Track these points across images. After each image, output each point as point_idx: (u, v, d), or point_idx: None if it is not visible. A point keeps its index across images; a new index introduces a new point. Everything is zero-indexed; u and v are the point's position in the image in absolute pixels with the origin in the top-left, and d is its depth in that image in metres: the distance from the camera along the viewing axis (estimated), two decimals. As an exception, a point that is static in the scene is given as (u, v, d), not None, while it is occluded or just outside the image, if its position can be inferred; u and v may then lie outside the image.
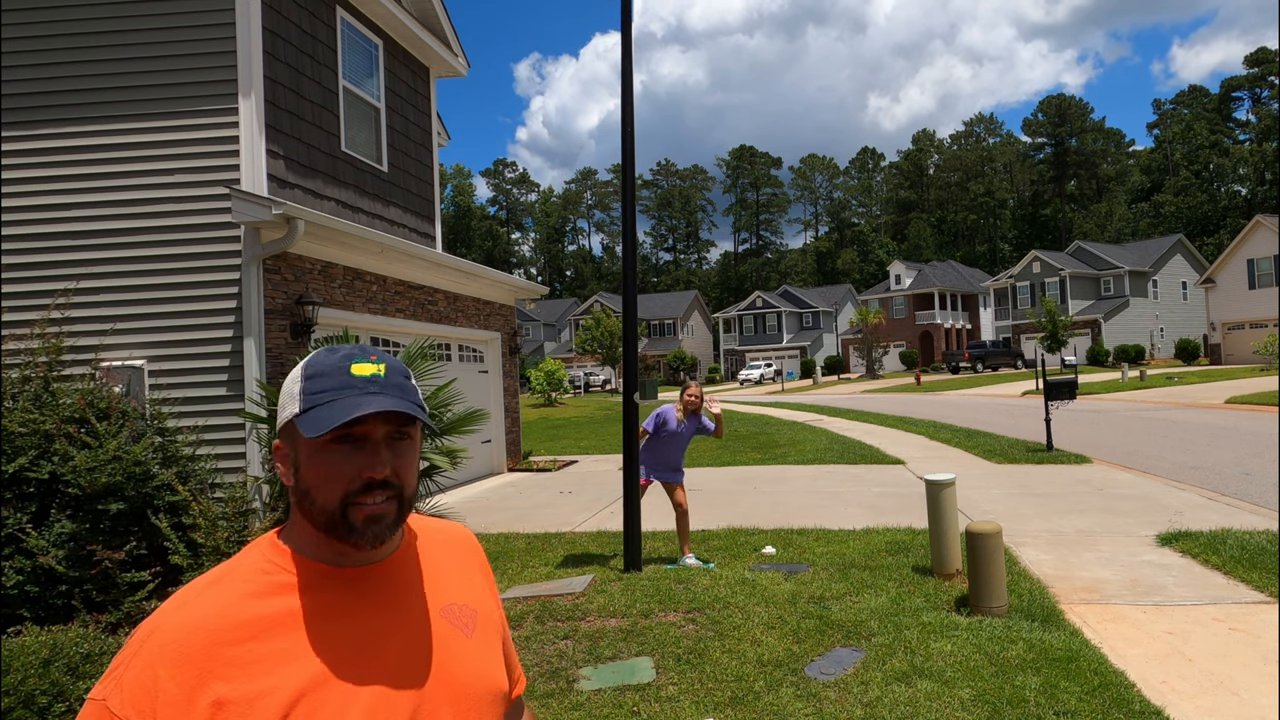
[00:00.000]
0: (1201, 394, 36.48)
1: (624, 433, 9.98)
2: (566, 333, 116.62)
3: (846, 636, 7.08)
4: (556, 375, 50.15)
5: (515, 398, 20.75)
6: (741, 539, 11.29)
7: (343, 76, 14.12)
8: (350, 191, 14.19)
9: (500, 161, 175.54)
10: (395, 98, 16.01)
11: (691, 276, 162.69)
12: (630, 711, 5.88)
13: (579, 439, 29.38)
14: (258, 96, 11.66)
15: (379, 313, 14.18)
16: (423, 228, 16.93)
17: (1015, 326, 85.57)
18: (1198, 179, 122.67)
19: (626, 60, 10.02)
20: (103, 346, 11.05)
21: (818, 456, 20.21)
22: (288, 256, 11.72)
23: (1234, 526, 10.84)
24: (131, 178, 11.58)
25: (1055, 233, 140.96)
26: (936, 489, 9.07)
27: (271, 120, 12.08)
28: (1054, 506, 13.08)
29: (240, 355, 11.15)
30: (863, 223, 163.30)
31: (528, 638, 7.44)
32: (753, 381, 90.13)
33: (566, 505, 14.95)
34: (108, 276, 11.42)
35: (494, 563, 10.66)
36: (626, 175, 10.09)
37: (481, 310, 18.72)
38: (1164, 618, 7.66)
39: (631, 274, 10.06)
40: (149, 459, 9.82)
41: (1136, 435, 22.78)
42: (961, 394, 49.86)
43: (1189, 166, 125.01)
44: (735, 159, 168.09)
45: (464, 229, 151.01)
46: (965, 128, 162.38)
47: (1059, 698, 5.72)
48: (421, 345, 12.25)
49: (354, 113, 14.54)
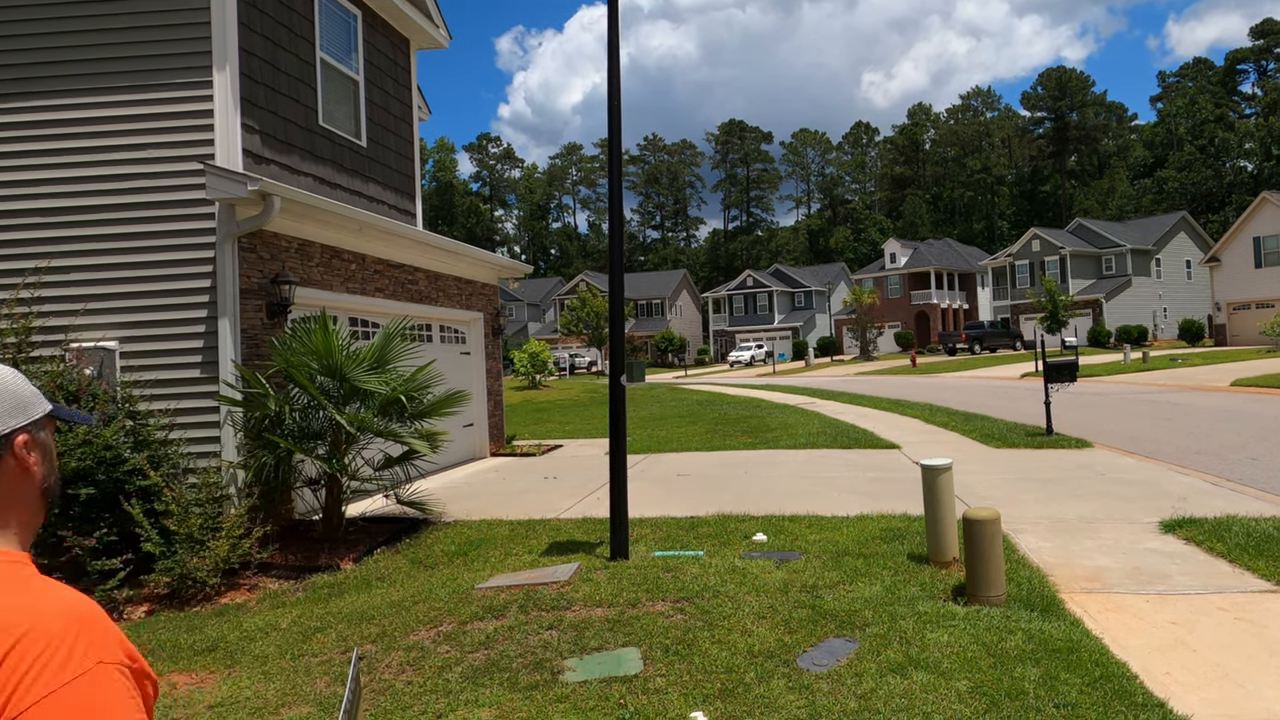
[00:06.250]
0: (1206, 376, 36.59)
1: (610, 416, 9.97)
2: (551, 313, 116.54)
3: (840, 626, 7.08)
4: (541, 357, 50.06)
5: (498, 380, 20.74)
6: (731, 526, 11.25)
7: (320, 48, 14.05)
8: (328, 167, 14.14)
9: (484, 136, 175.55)
10: (374, 70, 15.94)
11: (680, 255, 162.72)
12: (617, 704, 5.88)
13: (564, 422, 29.39)
14: (232, 69, 11.61)
15: (358, 292, 14.14)
16: (403, 204, 16.89)
17: (1014, 307, 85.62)
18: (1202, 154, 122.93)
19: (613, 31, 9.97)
20: (73, 327, 11.02)
21: (810, 441, 20.22)
22: (263, 234, 11.68)
23: (1239, 513, 10.81)
24: (102, 153, 11.54)
25: (1055, 210, 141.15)
26: (933, 474, 9.07)
27: (247, 94, 12.03)
28: (1054, 492, 13.09)
29: (215, 336, 11.12)
30: (856, 200, 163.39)
31: (511, 628, 7.43)
32: (743, 363, 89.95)
33: (551, 491, 14.95)
34: (78, 255, 11.39)
35: (476, 550, 10.69)
36: (613, 149, 10.04)
37: (463, 290, 18.69)
38: (1167, 607, 7.68)
39: (618, 252, 10.02)
40: (120, 443, 9.81)
41: (1139, 419, 22.85)
42: (958, 376, 49.92)
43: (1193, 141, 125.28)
44: (725, 134, 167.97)
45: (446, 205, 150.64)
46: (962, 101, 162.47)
47: (1059, 690, 5.73)
48: (401, 325, 12.24)
49: (332, 86, 14.47)
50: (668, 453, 19.43)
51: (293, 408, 11.07)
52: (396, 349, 11.89)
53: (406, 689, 6.41)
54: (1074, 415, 23.30)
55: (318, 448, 11.25)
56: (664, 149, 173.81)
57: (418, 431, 11.88)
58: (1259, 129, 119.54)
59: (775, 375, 65.38)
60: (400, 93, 17.09)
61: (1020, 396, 31.39)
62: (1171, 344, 71.97)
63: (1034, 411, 22.34)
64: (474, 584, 8.92)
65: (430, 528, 12.20)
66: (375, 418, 11.25)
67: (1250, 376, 33.08)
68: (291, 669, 7.08)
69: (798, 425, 23.52)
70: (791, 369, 74.97)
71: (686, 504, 12.95)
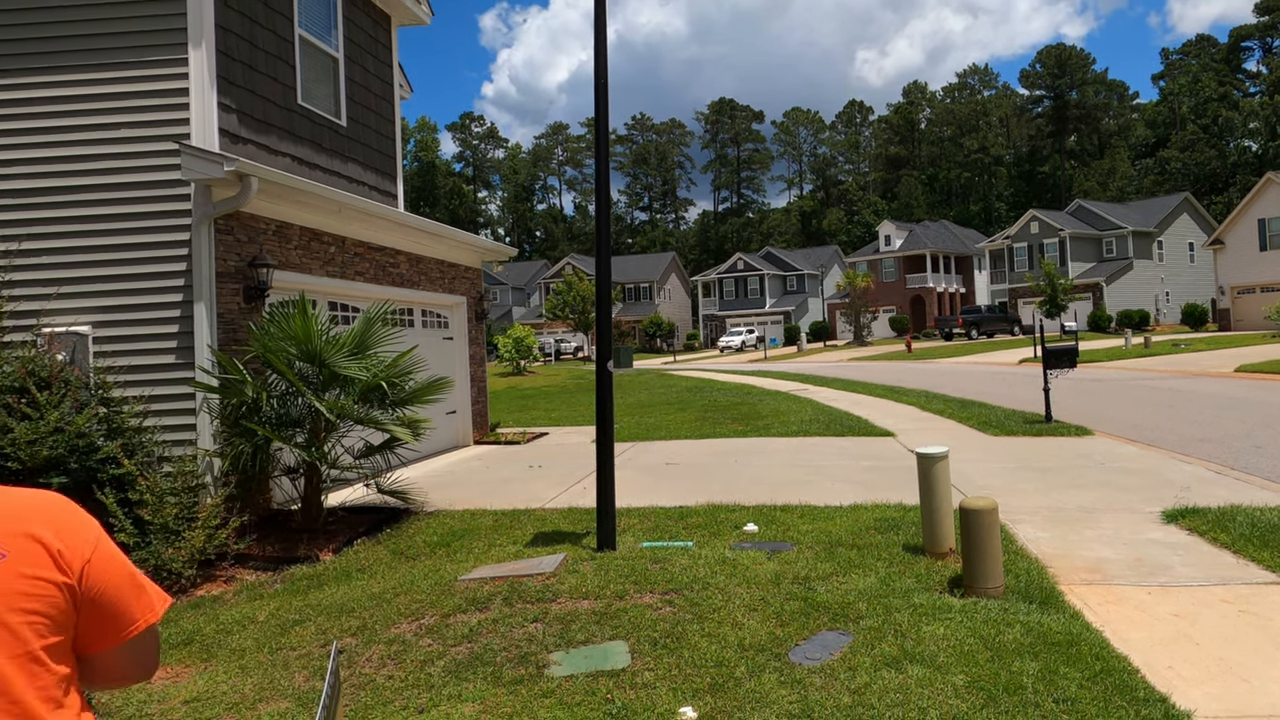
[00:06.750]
0: (1210, 362, 36.68)
1: (597, 403, 9.96)
2: (536, 297, 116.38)
3: (833, 619, 7.09)
4: (526, 342, 50.07)
5: (482, 366, 20.72)
6: (721, 516, 11.26)
7: (299, 25, 14.00)
8: (307, 147, 14.10)
9: (467, 115, 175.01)
10: (354, 47, 15.89)
11: (669, 237, 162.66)
12: (604, 699, 5.89)
13: (550, 410, 29.35)
14: (209, 46, 11.57)
15: (337, 276, 14.11)
16: (384, 185, 16.85)
17: (1012, 290, 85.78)
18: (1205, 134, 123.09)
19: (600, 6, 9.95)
20: (45, 312, 10.97)
21: (802, 428, 20.23)
22: (241, 216, 11.64)
23: (1244, 502, 10.80)
24: (75, 132, 11.49)
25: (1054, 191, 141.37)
26: (929, 463, 9.08)
27: (224, 71, 11.98)
28: (1053, 481, 13.11)
29: (190, 321, 11.09)
30: (850, 181, 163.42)
31: (495, 621, 7.44)
32: (734, 349, 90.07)
33: (536, 480, 14.95)
34: (50, 237, 11.34)
35: (459, 541, 10.69)
36: (599, 129, 10.04)
37: (446, 273, 18.66)
38: (1170, 599, 7.69)
39: (605, 234, 10.01)
40: (93, 431, 9.80)
41: (1141, 406, 22.91)
42: (955, 362, 50.04)
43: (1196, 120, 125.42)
44: (715, 113, 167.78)
45: (428, 186, 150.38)
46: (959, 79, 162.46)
47: (1058, 684, 5.75)
48: (382, 309, 12.23)
49: (311, 63, 14.42)
50: (656, 441, 19.42)
51: (270, 394, 11.04)
52: (377, 334, 11.87)
53: (387, 683, 6.42)
54: (1074, 402, 23.36)
55: (296, 435, 11.23)
56: (652, 128, 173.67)
57: (399, 419, 11.87)
58: (1264, 108, 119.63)
59: (766, 361, 65.49)
60: (381, 70, 17.03)
61: (1018, 383, 31.44)
62: (1174, 329, 72.12)
63: (1032, 398, 22.38)
64: (457, 575, 8.92)
65: (412, 518, 12.20)
66: (355, 405, 11.23)
67: (1255, 362, 33.17)
68: (269, 663, 7.09)
69: (790, 412, 23.53)
70: (783, 354, 75.12)
71: (675, 493, 12.97)
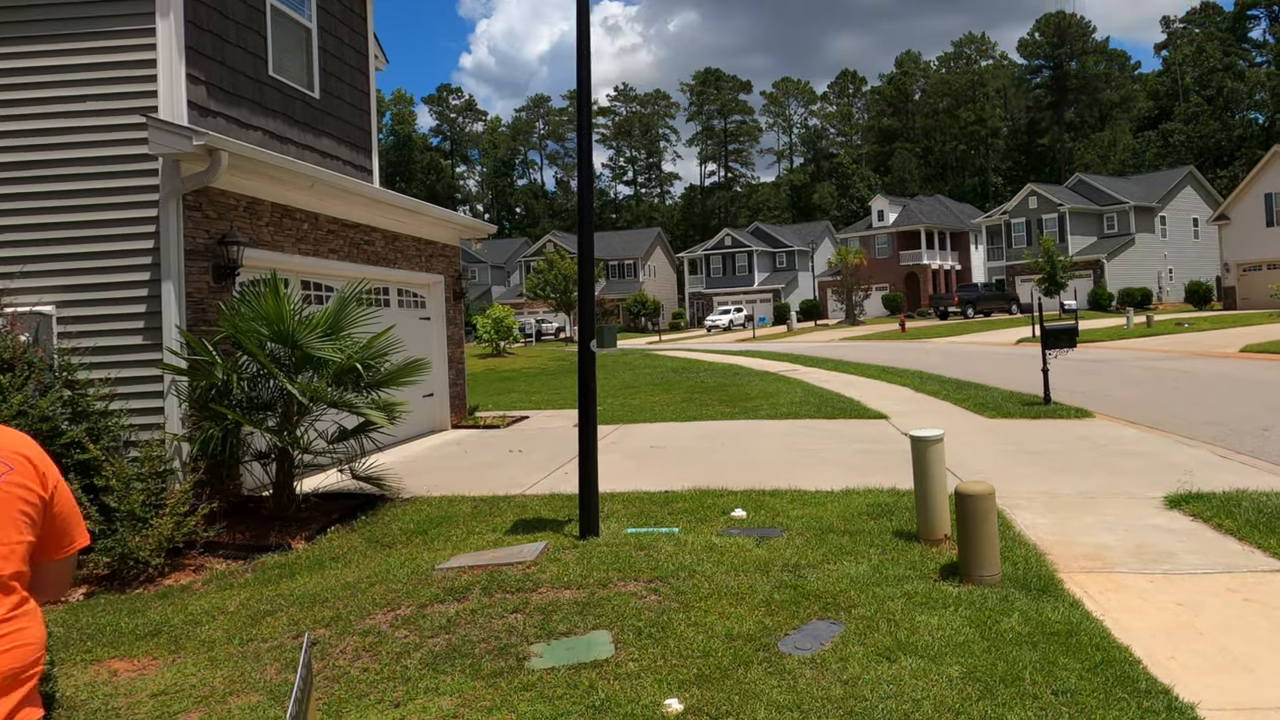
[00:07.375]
0: (1214, 342, 36.81)
1: (580, 386, 9.95)
2: (516, 276, 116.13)
3: (824, 608, 7.10)
4: (505, 322, 49.99)
5: (460, 347, 20.70)
6: (709, 501, 11.28)
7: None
8: (278, 120, 14.02)
9: (444, 87, 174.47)
10: (328, 17, 15.79)
11: (654, 213, 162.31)
12: (586, 691, 5.87)
13: (530, 392, 29.39)
14: (177, 15, 11.49)
15: (310, 253, 14.05)
16: (358, 160, 16.77)
17: (1009, 267, 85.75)
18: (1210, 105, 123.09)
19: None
20: (7, 291, 10.89)
21: (792, 410, 20.26)
22: (210, 192, 11.58)
23: (1250, 487, 10.82)
24: (37, 105, 11.41)
25: (1053, 164, 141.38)
26: (923, 446, 9.09)
27: (192, 42, 11.90)
28: (1052, 465, 13.15)
29: (158, 301, 11.05)
30: (841, 153, 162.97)
31: (473, 611, 7.42)
32: (721, 328, 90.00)
33: (517, 465, 14.94)
34: (12, 214, 11.28)
35: (437, 529, 10.67)
36: (582, 96, 9.99)
37: (423, 251, 18.60)
38: (1172, 587, 7.70)
39: (588, 209, 9.97)
40: (57, 414, 9.76)
41: (1143, 387, 23.00)
42: (950, 341, 50.14)
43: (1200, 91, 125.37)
44: (700, 83, 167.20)
45: (404, 161, 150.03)
46: (954, 49, 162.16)
47: (1057, 675, 5.76)
48: (356, 289, 12.17)
49: (283, 33, 14.33)
50: (641, 423, 19.42)
51: (241, 376, 10.98)
52: (352, 314, 11.81)
53: (362, 676, 6.40)
54: (1073, 383, 23.40)
55: (268, 419, 11.19)
56: (636, 99, 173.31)
57: (374, 402, 11.83)
58: (1270, 78, 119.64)
59: (755, 340, 65.50)
60: (355, 40, 16.93)
61: (1016, 363, 31.49)
62: (1177, 307, 72.26)
63: (1030, 379, 22.37)
64: (434, 564, 8.90)
65: (387, 504, 12.18)
66: (329, 387, 11.20)
67: (1261, 342, 33.24)
68: (240, 655, 7.07)
69: (779, 394, 23.58)
70: (772, 334, 75.09)
71: (661, 478, 12.96)
